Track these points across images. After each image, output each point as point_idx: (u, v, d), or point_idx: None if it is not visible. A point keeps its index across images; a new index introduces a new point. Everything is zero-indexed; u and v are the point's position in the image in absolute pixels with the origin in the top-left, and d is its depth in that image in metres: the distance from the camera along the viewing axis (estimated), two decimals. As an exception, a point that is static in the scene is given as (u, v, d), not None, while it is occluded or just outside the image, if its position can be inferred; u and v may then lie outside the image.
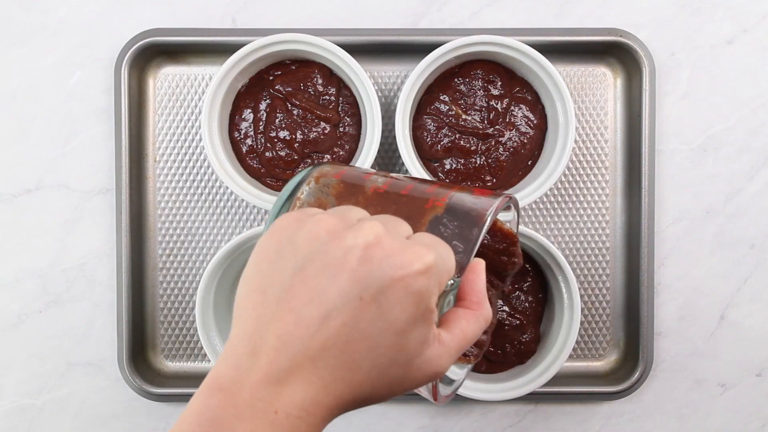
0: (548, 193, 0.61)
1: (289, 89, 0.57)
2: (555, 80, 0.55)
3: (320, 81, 0.58)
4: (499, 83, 0.58)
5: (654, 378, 0.62)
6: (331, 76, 0.58)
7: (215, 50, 0.60)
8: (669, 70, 0.61)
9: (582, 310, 0.60)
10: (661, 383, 0.62)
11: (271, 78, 0.58)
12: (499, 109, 0.58)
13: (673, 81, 0.61)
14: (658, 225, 0.61)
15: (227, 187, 0.60)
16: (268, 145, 0.57)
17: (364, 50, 0.59)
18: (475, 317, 0.38)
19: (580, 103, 0.61)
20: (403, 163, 0.56)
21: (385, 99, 0.60)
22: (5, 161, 0.61)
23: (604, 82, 0.61)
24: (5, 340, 0.62)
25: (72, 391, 0.62)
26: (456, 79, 0.58)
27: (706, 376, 0.62)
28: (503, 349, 0.58)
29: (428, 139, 0.58)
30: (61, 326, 0.61)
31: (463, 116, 0.58)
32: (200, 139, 0.61)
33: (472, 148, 0.58)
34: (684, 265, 0.62)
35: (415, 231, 0.37)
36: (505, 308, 0.58)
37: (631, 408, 0.62)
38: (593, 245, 0.62)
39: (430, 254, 0.34)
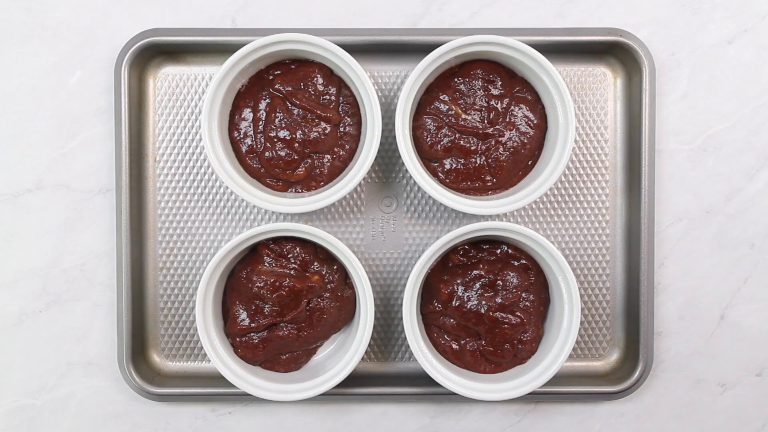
0: (548, 193, 0.61)
1: (289, 89, 0.57)
2: (555, 80, 0.55)
3: (320, 81, 0.58)
4: (499, 83, 0.58)
5: (654, 378, 0.62)
6: (332, 76, 0.58)
7: (215, 50, 0.60)
8: (669, 70, 0.61)
9: (582, 310, 0.60)
10: (661, 383, 0.62)
11: (270, 78, 0.58)
12: (499, 109, 0.58)
13: (673, 81, 0.61)
14: (658, 225, 0.61)
15: (227, 187, 0.60)
16: (268, 144, 0.57)
17: (364, 50, 0.59)
18: None
19: (580, 103, 0.61)
20: (403, 163, 0.56)
21: (385, 99, 0.60)
22: (5, 161, 0.61)
23: (604, 82, 0.61)
24: (5, 340, 0.62)
25: (72, 391, 0.62)
26: (456, 79, 0.58)
27: (706, 376, 0.62)
28: (503, 349, 0.58)
29: (428, 138, 0.58)
30: (61, 326, 0.61)
31: (463, 116, 0.58)
32: (200, 139, 0.61)
33: (472, 148, 0.58)
34: (684, 265, 0.62)
35: None
36: (498, 300, 0.58)
37: (631, 408, 0.62)
38: (593, 245, 0.62)
39: None
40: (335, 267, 0.59)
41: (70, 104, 0.61)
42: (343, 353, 0.57)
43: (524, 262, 0.59)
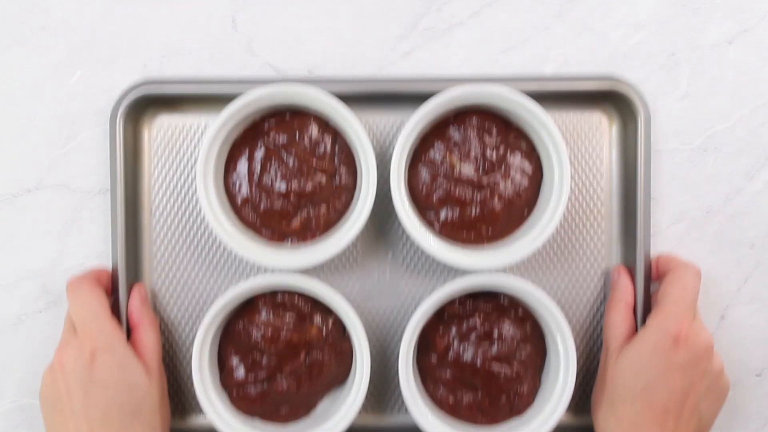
0: (543, 241, 0.60)
1: (284, 139, 0.57)
2: (550, 131, 0.55)
3: (316, 131, 0.57)
4: (495, 132, 0.57)
5: (654, 378, 0.62)
6: (327, 126, 0.58)
7: (210, 100, 0.60)
8: (669, 70, 0.61)
9: (578, 361, 0.60)
10: (661, 383, 0.62)
11: (266, 128, 0.58)
12: (495, 159, 0.57)
13: (673, 81, 0.61)
14: (659, 225, 0.61)
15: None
16: (263, 195, 0.57)
17: (359, 98, 0.59)
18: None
19: (576, 150, 0.61)
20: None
21: (381, 148, 0.60)
22: (5, 161, 0.61)
23: (600, 129, 0.61)
24: (5, 340, 0.62)
25: (72, 391, 0.62)
26: (451, 128, 0.57)
27: (706, 376, 0.62)
28: (499, 401, 0.57)
29: (423, 189, 0.57)
30: (61, 326, 0.61)
31: (458, 166, 0.57)
32: (196, 190, 0.60)
33: (468, 198, 0.57)
34: (684, 265, 0.62)
35: None
36: (493, 348, 0.58)
37: (631, 408, 0.62)
38: (588, 294, 0.61)
39: None
40: (333, 318, 0.58)
41: (70, 104, 0.61)
42: (339, 405, 0.57)
43: (521, 313, 0.59)
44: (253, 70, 0.61)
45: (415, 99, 0.57)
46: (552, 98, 0.59)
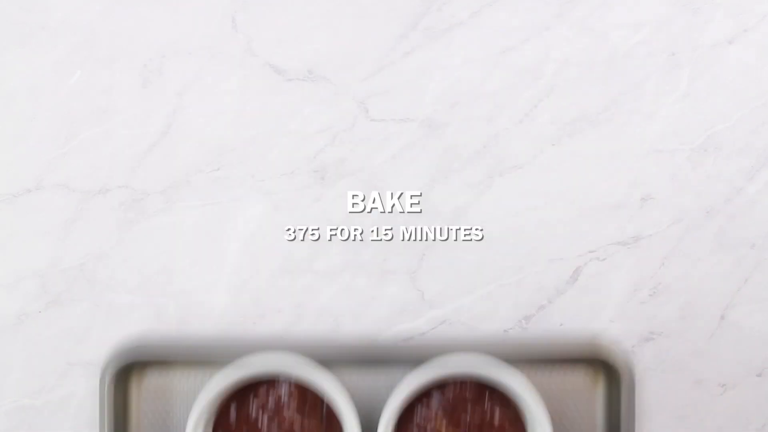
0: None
1: (273, 403, 0.57)
2: (529, 404, 0.55)
3: (304, 396, 0.58)
4: (479, 398, 0.58)
5: (654, 378, 0.62)
6: (315, 392, 0.58)
7: (199, 360, 0.60)
8: (669, 70, 0.61)
9: None
10: (661, 383, 0.62)
11: (253, 390, 0.58)
12: (480, 425, 0.57)
13: (673, 81, 0.61)
14: (659, 225, 0.61)
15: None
16: None
17: (346, 362, 0.59)
18: None
19: (560, 409, 0.60)
20: None
21: (368, 409, 0.59)
22: (5, 161, 0.61)
23: (584, 388, 0.60)
24: (5, 340, 0.62)
25: (72, 391, 0.62)
26: (436, 394, 0.58)
27: (706, 376, 0.62)
28: None
29: None
30: (61, 326, 0.61)
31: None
32: None
33: None
34: (684, 265, 0.62)
35: None
36: None
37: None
38: None
39: None
40: None
41: (70, 104, 0.61)
42: None
43: None
44: (253, 70, 0.61)
45: (403, 362, 0.58)
46: (536, 361, 0.60)
